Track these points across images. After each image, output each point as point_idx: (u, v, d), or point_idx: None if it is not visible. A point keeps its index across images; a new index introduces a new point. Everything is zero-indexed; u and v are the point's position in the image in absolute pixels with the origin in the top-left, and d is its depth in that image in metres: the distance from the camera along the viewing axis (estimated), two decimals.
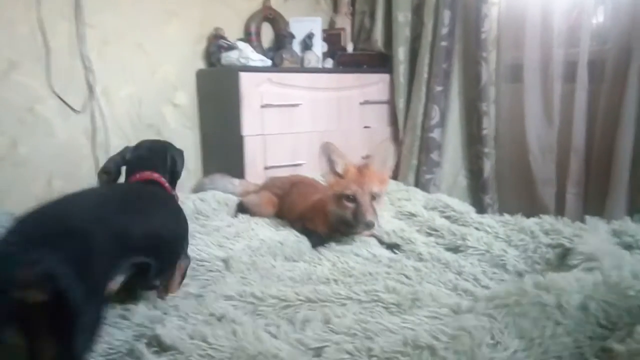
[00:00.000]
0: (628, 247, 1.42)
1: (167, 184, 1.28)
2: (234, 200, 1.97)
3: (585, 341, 0.91)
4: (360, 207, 1.49)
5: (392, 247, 1.58)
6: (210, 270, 1.33)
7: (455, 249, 1.57)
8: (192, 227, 1.70)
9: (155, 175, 1.25)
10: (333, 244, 1.56)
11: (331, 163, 1.53)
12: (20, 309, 0.76)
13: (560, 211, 2.24)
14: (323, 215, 1.65)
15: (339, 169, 1.53)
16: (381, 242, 1.62)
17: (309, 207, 1.73)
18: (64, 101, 2.33)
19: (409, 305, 1.09)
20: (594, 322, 0.93)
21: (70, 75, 2.34)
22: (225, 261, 1.35)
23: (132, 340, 1.03)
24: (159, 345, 0.96)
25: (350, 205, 1.52)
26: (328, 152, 1.51)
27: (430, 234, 1.68)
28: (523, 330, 0.91)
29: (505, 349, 0.87)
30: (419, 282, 1.26)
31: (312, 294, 1.12)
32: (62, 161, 2.36)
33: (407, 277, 1.31)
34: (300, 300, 1.11)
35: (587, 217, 1.63)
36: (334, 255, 1.44)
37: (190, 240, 1.39)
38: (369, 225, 1.49)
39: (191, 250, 1.36)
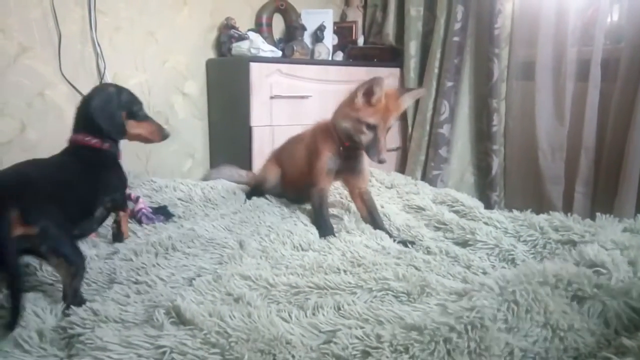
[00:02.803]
0: None
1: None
2: (243, 188, 1.98)
3: (605, 343, 0.91)
4: (378, 142, 1.56)
5: (405, 242, 1.57)
6: (225, 247, 1.33)
7: (464, 243, 1.56)
8: (200, 213, 1.72)
9: None
10: (343, 234, 1.55)
11: (369, 92, 1.55)
12: None
13: (567, 210, 2.22)
14: (328, 138, 1.68)
15: (374, 99, 1.55)
16: (391, 236, 1.61)
17: (310, 138, 1.77)
18: (74, 87, 2.33)
19: (419, 292, 1.09)
20: (614, 329, 0.94)
21: (81, 61, 2.34)
22: (240, 243, 1.35)
23: (149, 308, 1.04)
24: (177, 316, 0.97)
25: (368, 133, 1.56)
26: (375, 85, 1.53)
27: (438, 228, 1.68)
28: (549, 317, 0.91)
29: (526, 335, 0.87)
30: (428, 274, 1.25)
31: (322, 281, 1.12)
32: None
33: (416, 268, 1.30)
34: (310, 287, 1.10)
35: (598, 215, 1.62)
36: (344, 245, 1.44)
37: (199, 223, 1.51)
38: (382, 162, 1.57)
39: (202, 230, 1.43)
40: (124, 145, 1.56)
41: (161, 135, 1.55)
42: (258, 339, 0.90)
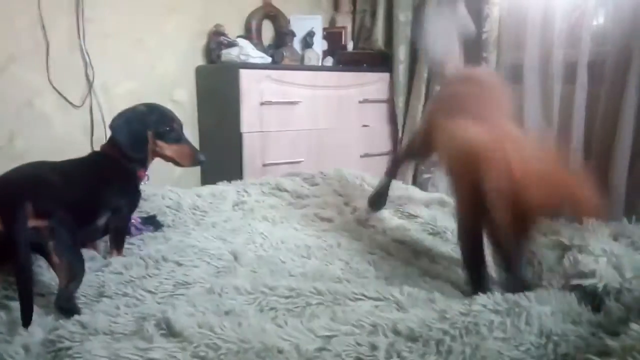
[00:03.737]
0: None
1: None
2: (231, 192, 1.95)
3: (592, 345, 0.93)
4: None
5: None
6: (220, 259, 1.32)
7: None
8: (189, 222, 1.70)
9: None
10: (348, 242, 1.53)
11: None
12: None
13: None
14: None
15: None
16: None
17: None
18: (62, 96, 2.32)
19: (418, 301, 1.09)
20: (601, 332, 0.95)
21: (70, 69, 2.33)
22: (234, 254, 1.35)
23: (138, 319, 1.03)
24: (167, 328, 0.96)
25: None
26: None
27: (431, 234, 1.68)
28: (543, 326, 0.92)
29: (519, 344, 0.88)
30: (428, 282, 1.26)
31: (323, 288, 1.11)
32: (60, 156, 2.27)
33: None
34: (310, 293, 1.10)
35: (584, 219, 1.63)
36: (344, 252, 1.42)
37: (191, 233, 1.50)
38: None
39: (194, 240, 1.40)
40: None
41: (192, 160, 1.56)
42: (249, 350, 0.89)
